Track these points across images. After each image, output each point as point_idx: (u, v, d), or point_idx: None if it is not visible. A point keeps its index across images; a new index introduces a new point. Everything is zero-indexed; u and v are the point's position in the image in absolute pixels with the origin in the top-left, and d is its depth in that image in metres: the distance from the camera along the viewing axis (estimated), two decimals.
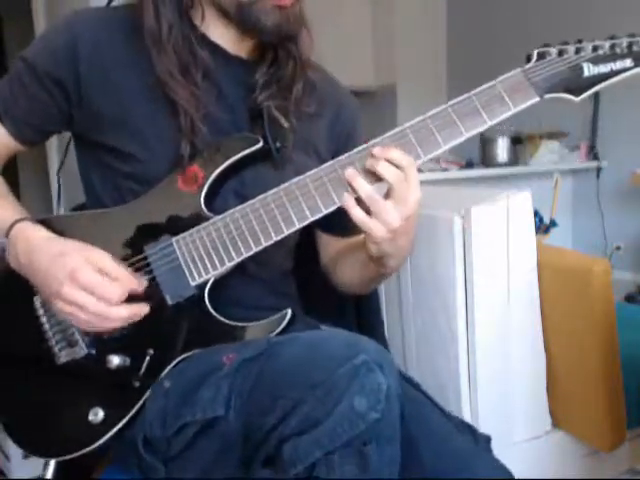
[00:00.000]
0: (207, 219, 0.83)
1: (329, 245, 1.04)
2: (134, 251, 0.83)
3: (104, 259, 0.78)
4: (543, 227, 2.85)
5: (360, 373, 0.65)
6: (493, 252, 1.15)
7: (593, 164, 3.36)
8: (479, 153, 3.28)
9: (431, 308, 1.24)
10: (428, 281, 1.23)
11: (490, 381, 1.18)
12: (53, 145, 3.06)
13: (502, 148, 3.21)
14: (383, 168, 0.77)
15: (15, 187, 0.93)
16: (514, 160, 3.31)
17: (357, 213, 0.78)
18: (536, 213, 2.65)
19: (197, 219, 0.83)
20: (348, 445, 0.65)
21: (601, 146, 3.36)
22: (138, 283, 0.80)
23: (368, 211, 0.78)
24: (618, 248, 3.27)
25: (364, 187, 0.78)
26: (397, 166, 0.77)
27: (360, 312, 1.18)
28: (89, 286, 0.76)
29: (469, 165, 3.28)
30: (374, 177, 0.79)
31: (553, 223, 2.90)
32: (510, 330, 1.19)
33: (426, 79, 4.16)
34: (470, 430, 0.87)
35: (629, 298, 2.97)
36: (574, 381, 1.24)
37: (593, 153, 3.38)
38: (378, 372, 0.66)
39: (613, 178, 3.29)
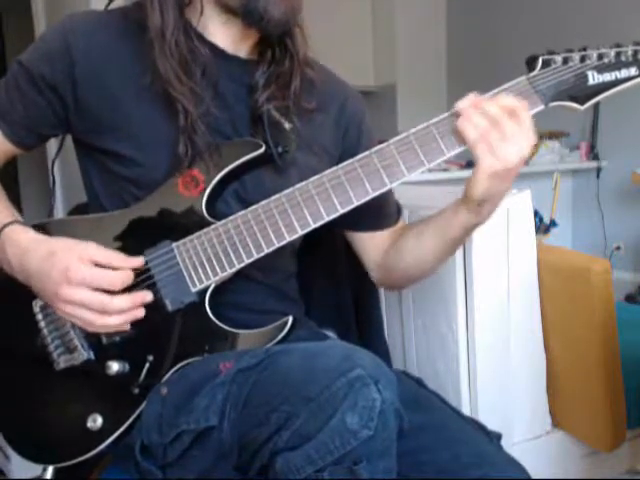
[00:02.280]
0: (208, 224, 0.82)
1: (379, 243, 1.01)
2: (134, 256, 0.82)
3: (93, 249, 0.78)
4: (543, 227, 2.85)
5: (354, 388, 0.64)
6: (493, 252, 1.15)
7: (593, 164, 3.36)
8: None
9: (431, 308, 1.24)
10: (428, 281, 1.23)
11: (490, 381, 1.18)
12: (53, 145, 3.05)
13: None
14: (493, 108, 0.77)
15: (15, 187, 0.93)
16: None
17: (476, 142, 0.77)
18: (536, 213, 2.64)
19: (198, 224, 0.82)
20: (339, 463, 0.64)
21: (601, 146, 3.36)
22: (136, 262, 0.80)
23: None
24: (618, 248, 3.28)
25: (484, 117, 0.77)
26: (507, 109, 0.77)
27: (360, 314, 1.18)
28: (85, 281, 0.76)
29: (469, 165, 3.28)
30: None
31: (553, 223, 2.90)
32: (510, 330, 1.19)
33: (426, 79, 4.16)
34: (481, 427, 0.87)
35: (629, 298, 2.97)
36: (574, 381, 1.24)
37: (593, 153, 3.38)
38: (373, 387, 0.64)
39: (613, 178, 3.29)
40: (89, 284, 0.76)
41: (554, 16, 3.46)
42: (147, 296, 0.80)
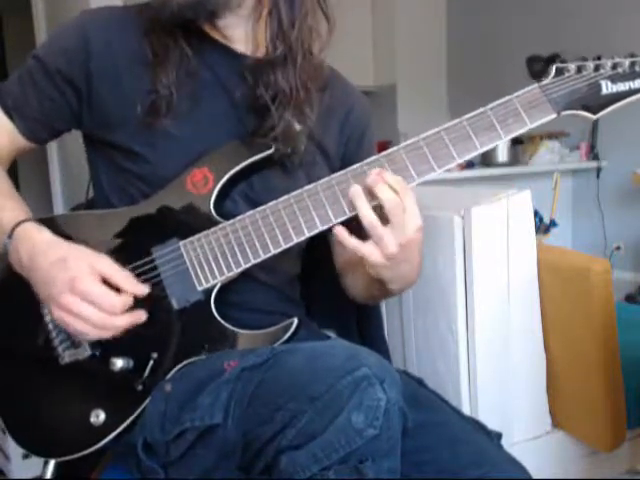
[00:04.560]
0: (216, 223, 0.82)
1: (341, 250, 1.02)
2: (141, 253, 0.83)
3: (106, 266, 0.78)
4: (543, 227, 2.84)
5: (360, 387, 0.64)
6: (493, 252, 1.15)
7: (593, 164, 3.36)
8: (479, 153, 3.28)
9: (431, 308, 1.24)
10: (428, 281, 1.23)
11: (490, 381, 1.18)
12: (53, 145, 3.05)
13: (502, 148, 3.21)
14: (381, 190, 0.75)
15: (15, 187, 0.93)
16: (514, 160, 3.31)
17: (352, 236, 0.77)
18: (536, 213, 2.64)
19: (206, 223, 0.82)
20: (344, 461, 0.64)
21: (601, 146, 3.36)
22: (141, 289, 0.79)
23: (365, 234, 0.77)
24: (618, 248, 3.28)
25: (364, 208, 0.76)
26: (394, 191, 0.75)
27: (360, 314, 1.17)
28: (89, 296, 0.75)
29: (469, 165, 3.28)
30: (373, 197, 0.77)
31: (553, 223, 2.90)
32: (510, 330, 1.19)
33: (426, 79, 4.16)
34: (481, 427, 0.88)
35: (629, 298, 2.97)
36: (574, 381, 1.24)
37: (593, 153, 3.39)
38: (378, 387, 0.65)
39: (613, 178, 3.29)
40: (91, 300, 0.75)
41: (554, 16, 3.46)
42: (142, 316, 0.79)
